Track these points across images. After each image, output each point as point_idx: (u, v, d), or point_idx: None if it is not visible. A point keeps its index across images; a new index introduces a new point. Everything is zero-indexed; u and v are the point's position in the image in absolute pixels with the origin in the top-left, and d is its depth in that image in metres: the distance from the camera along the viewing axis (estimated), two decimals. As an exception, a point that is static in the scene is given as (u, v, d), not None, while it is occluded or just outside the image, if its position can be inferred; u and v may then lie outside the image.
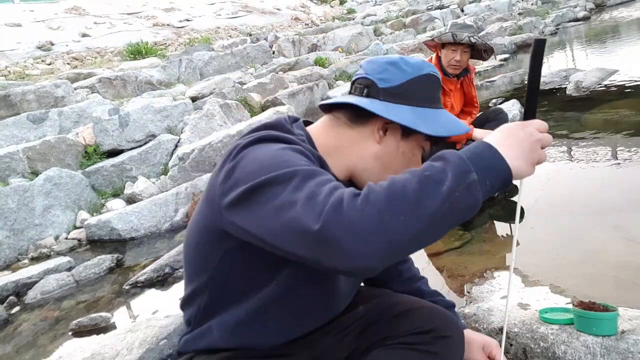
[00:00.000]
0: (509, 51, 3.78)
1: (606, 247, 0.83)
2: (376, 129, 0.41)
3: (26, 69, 3.69)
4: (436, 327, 0.43)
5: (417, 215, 0.28)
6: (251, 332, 0.41)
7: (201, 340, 0.42)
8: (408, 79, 0.42)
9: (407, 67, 0.42)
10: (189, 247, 0.42)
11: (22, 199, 1.52)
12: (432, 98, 0.43)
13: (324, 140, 0.42)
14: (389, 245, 0.28)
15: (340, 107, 0.43)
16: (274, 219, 0.31)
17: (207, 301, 0.42)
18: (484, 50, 1.21)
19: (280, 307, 0.40)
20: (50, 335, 0.96)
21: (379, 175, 0.42)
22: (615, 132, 1.40)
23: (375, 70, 0.42)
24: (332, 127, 0.43)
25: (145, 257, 1.32)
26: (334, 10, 7.33)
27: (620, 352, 0.50)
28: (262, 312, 0.40)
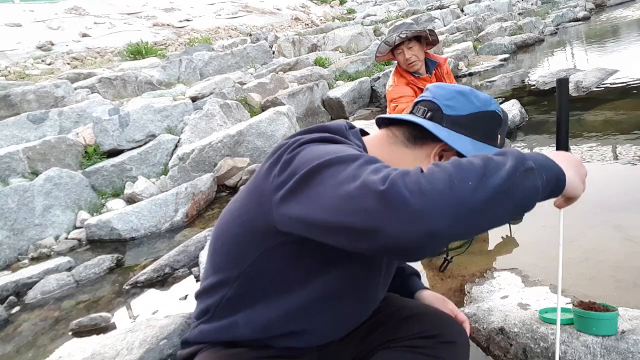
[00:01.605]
0: (508, 51, 3.76)
1: (606, 247, 0.83)
2: (433, 153, 0.41)
3: (26, 69, 3.69)
4: (442, 333, 0.43)
5: (484, 184, 0.28)
6: (283, 332, 0.40)
7: (224, 333, 0.41)
8: (474, 112, 0.42)
9: (476, 100, 0.43)
10: (224, 237, 0.41)
11: (22, 199, 1.52)
12: (493, 136, 0.43)
13: (377, 154, 0.40)
14: (458, 209, 0.27)
15: (399, 124, 0.43)
16: (334, 194, 0.29)
17: (232, 294, 0.41)
18: (429, 36, 1.20)
19: (315, 312, 0.39)
20: (50, 335, 0.96)
21: None
22: (615, 132, 1.41)
23: (443, 96, 0.43)
24: (388, 143, 0.43)
25: (145, 257, 1.32)
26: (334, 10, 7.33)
27: (620, 352, 0.50)
28: (294, 315, 0.39)
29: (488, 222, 0.30)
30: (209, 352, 0.41)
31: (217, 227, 0.43)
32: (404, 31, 1.19)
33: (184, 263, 1.16)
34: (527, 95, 2.23)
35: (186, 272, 1.14)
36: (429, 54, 1.27)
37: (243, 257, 0.39)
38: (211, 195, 1.66)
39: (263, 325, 0.40)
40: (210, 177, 1.68)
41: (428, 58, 1.26)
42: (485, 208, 0.28)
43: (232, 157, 1.80)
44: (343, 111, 2.62)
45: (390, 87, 1.26)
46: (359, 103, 2.79)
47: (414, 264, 0.63)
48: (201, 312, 0.44)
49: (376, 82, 2.80)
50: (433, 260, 0.93)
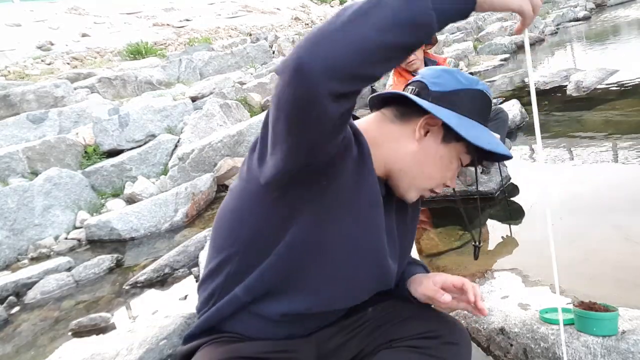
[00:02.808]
0: (509, 51, 3.75)
1: (606, 247, 0.83)
2: (418, 126, 0.41)
3: (26, 69, 3.69)
4: (444, 334, 0.43)
5: (343, 14, 0.28)
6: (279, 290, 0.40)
7: (227, 309, 0.41)
8: (460, 88, 0.42)
9: (462, 78, 0.43)
10: (224, 217, 0.42)
11: (21, 199, 1.52)
12: (480, 114, 0.42)
13: (368, 135, 0.41)
14: (319, 37, 0.27)
15: (388, 104, 0.44)
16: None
17: (235, 269, 0.41)
18: None
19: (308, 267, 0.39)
20: (50, 336, 0.96)
21: (413, 177, 0.42)
22: (615, 132, 1.40)
23: (430, 75, 0.43)
24: (377, 122, 0.43)
25: (145, 257, 1.32)
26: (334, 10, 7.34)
27: (621, 352, 0.50)
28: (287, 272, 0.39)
29: (353, 40, 0.28)
30: (208, 348, 0.41)
31: (217, 214, 0.44)
32: None
33: (183, 263, 1.16)
34: (527, 95, 2.23)
35: (186, 272, 1.14)
36: (429, 53, 1.28)
37: (240, 227, 0.40)
38: (211, 195, 1.66)
39: (260, 287, 0.40)
40: (210, 177, 1.68)
41: (427, 57, 1.27)
42: (345, 28, 0.28)
43: (232, 157, 1.79)
44: (343, 111, 2.65)
45: (390, 87, 1.28)
46: (359, 103, 2.68)
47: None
48: (205, 301, 0.44)
49: (376, 82, 2.83)
50: (433, 260, 0.93)
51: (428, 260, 0.94)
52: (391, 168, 0.42)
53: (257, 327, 0.43)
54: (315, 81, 0.28)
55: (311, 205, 0.37)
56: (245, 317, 0.43)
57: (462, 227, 1.04)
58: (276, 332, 0.43)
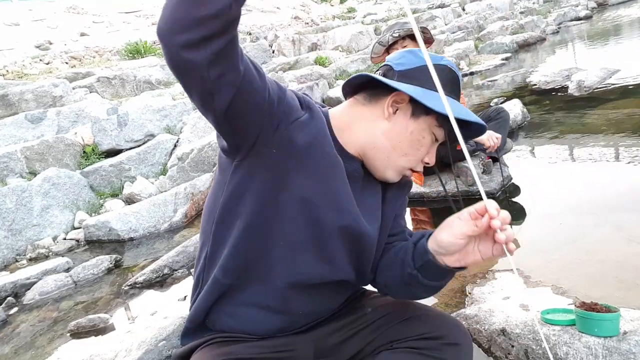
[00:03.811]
0: (510, 50, 3.75)
1: (608, 247, 0.82)
2: (386, 105, 0.42)
3: (24, 68, 3.68)
4: (446, 334, 0.42)
5: None
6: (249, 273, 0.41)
7: (212, 295, 0.42)
8: (422, 65, 0.42)
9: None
10: (206, 201, 0.44)
11: (20, 199, 1.51)
12: (447, 88, 0.43)
13: (338, 117, 0.43)
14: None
15: (360, 90, 0.45)
16: None
17: (210, 250, 0.42)
18: (422, 34, 1.21)
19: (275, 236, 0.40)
20: (49, 337, 0.96)
21: (387, 155, 0.42)
22: (617, 132, 1.40)
23: (394, 57, 0.45)
24: (349, 106, 0.45)
25: (144, 257, 1.32)
26: (334, 9, 7.31)
27: (622, 353, 0.50)
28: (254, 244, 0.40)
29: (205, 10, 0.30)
30: (203, 351, 0.41)
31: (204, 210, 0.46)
32: (396, 30, 1.19)
33: (183, 264, 1.16)
34: (528, 94, 2.22)
35: (185, 273, 1.14)
36: None
37: (214, 206, 0.42)
38: (210, 195, 1.68)
39: (234, 266, 0.41)
40: (210, 177, 1.68)
41: None
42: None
43: (232, 156, 1.81)
44: (343, 110, 2.64)
45: None
46: None
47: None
48: (193, 290, 0.45)
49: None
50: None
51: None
52: (365, 148, 0.43)
53: (247, 319, 0.43)
54: (169, 41, 0.31)
55: (264, 173, 0.38)
56: (233, 308, 0.43)
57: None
58: (268, 323, 0.42)
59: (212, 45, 0.31)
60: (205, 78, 0.32)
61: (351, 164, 0.43)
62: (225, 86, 0.33)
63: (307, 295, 0.43)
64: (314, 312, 0.45)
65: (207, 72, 0.32)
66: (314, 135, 0.39)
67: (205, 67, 0.32)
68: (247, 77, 0.35)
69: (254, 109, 0.36)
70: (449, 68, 0.44)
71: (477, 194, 1.19)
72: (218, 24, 0.30)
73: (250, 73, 0.35)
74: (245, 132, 0.37)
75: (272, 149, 0.38)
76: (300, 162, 0.39)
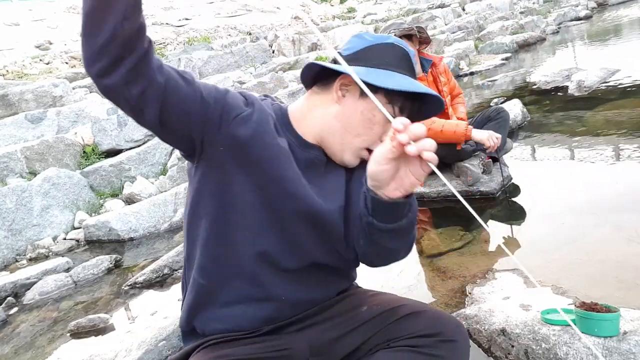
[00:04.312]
0: (510, 50, 3.74)
1: (608, 247, 0.82)
2: (334, 89, 0.44)
3: (24, 68, 3.68)
4: (442, 331, 0.42)
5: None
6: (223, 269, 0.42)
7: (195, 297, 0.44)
8: (367, 46, 0.44)
9: (369, 37, 0.45)
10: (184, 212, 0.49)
11: (20, 199, 1.51)
12: (394, 64, 0.43)
13: (296, 109, 0.46)
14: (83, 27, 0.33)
15: (317, 81, 0.46)
16: None
17: (187, 252, 0.45)
18: (418, 34, 1.20)
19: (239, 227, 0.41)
20: (49, 337, 0.96)
21: (342, 137, 0.44)
22: (617, 132, 1.39)
23: (344, 44, 0.46)
24: (306, 98, 0.47)
25: (144, 257, 1.32)
26: (334, 9, 7.31)
27: (622, 353, 0.50)
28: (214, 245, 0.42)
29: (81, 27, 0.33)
30: (198, 355, 0.41)
31: None
32: (392, 30, 1.19)
33: (182, 264, 1.17)
34: (528, 94, 2.22)
35: (185, 272, 1.15)
36: (424, 53, 1.27)
37: (186, 208, 0.44)
38: (210, 195, 1.68)
39: (207, 265, 0.43)
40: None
41: (423, 57, 1.26)
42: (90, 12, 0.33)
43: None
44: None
45: None
46: None
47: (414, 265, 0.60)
48: (182, 294, 0.47)
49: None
50: (434, 260, 0.93)
51: (429, 260, 0.94)
52: (321, 134, 0.45)
53: (233, 317, 0.43)
54: (89, 74, 0.35)
55: (217, 171, 0.41)
56: (218, 312, 0.43)
57: (463, 228, 1.04)
58: (255, 315, 0.43)
59: (121, 68, 0.34)
60: (128, 98, 0.35)
61: (311, 151, 0.44)
62: (149, 101, 0.36)
63: (287, 280, 0.43)
64: (300, 300, 0.45)
65: (127, 93, 0.35)
66: (254, 129, 0.41)
67: (124, 89, 0.34)
68: (171, 87, 0.37)
69: (187, 115, 0.38)
70: (395, 45, 0.44)
71: (478, 194, 1.20)
72: (117, 48, 0.33)
73: (173, 83, 0.37)
74: (186, 136, 0.39)
75: (219, 147, 0.40)
76: (246, 155, 0.40)
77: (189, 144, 0.40)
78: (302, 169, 0.43)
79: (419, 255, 0.98)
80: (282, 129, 0.44)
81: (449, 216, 1.16)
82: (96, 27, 0.32)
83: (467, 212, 0.32)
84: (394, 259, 0.44)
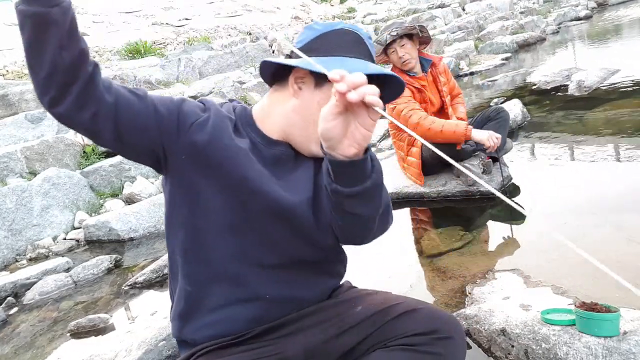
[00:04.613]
0: (510, 50, 3.74)
1: (608, 248, 0.82)
2: (290, 84, 0.44)
3: (24, 68, 3.67)
4: (438, 328, 0.42)
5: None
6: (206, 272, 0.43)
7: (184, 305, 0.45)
8: (316, 36, 0.44)
9: (319, 26, 0.46)
10: None
11: (20, 199, 1.52)
12: (347, 49, 0.43)
13: (258, 109, 0.47)
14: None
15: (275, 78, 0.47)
16: None
17: (170, 263, 0.47)
18: (420, 33, 1.20)
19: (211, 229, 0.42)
20: (49, 337, 0.96)
21: (304, 129, 0.44)
22: (617, 132, 1.39)
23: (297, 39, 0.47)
24: (267, 97, 0.48)
25: (144, 257, 1.32)
26: (334, 9, 7.31)
27: (622, 353, 0.49)
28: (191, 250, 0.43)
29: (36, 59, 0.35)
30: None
31: None
32: (394, 29, 1.18)
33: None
34: (528, 94, 2.22)
35: (185, 272, 1.14)
36: (423, 52, 1.26)
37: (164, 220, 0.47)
38: (210, 195, 1.68)
39: (191, 272, 0.44)
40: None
41: (422, 57, 1.25)
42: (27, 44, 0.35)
43: (232, 156, 1.81)
44: (343, 110, 2.64)
45: None
46: None
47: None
48: (171, 304, 0.48)
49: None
50: (434, 260, 0.93)
51: (429, 260, 0.94)
52: (284, 129, 0.45)
53: (223, 321, 0.43)
54: (42, 105, 0.36)
55: (182, 179, 0.42)
56: (207, 318, 0.44)
57: (463, 228, 1.04)
58: (243, 316, 0.43)
59: (69, 96, 0.35)
60: (82, 122, 0.37)
61: (276, 148, 0.45)
62: (103, 122, 0.37)
63: (269, 278, 0.44)
64: (285, 298, 0.44)
65: (80, 117, 0.36)
66: (211, 133, 0.42)
67: (76, 114, 0.36)
68: (122, 105, 0.38)
69: (143, 129, 0.39)
70: (345, 30, 0.44)
71: (478, 194, 1.19)
72: (60, 77, 0.34)
73: (124, 100, 0.39)
74: (147, 150, 0.41)
75: (181, 156, 0.41)
76: (207, 159, 0.42)
77: (153, 157, 0.42)
78: (268, 166, 0.44)
79: (419, 255, 0.98)
80: (245, 130, 0.45)
81: (449, 216, 1.16)
82: (36, 61, 0.34)
83: (467, 212, 0.31)
84: (370, 230, 0.42)
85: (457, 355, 0.43)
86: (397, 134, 1.29)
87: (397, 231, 1.13)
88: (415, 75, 1.23)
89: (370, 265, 0.94)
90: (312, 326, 0.45)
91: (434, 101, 1.26)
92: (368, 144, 0.34)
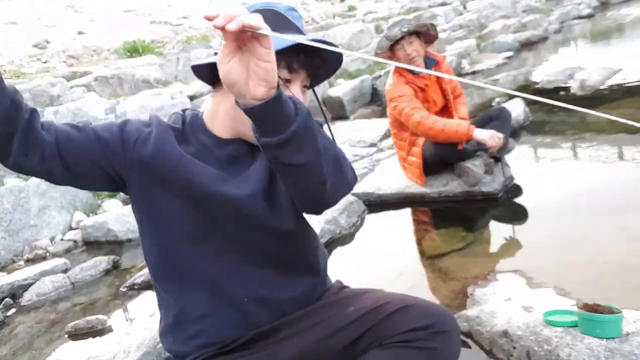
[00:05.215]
0: (512, 49, 3.70)
1: (611, 249, 0.82)
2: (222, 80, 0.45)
3: (22, 68, 3.66)
4: (433, 323, 0.42)
5: None
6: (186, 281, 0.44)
7: (170, 316, 0.45)
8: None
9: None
10: None
11: (17, 200, 1.50)
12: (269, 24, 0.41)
13: (206, 113, 0.47)
14: None
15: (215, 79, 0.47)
16: None
17: (151, 277, 0.47)
18: (427, 32, 1.19)
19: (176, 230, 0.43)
20: (46, 338, 0.95)
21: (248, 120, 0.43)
22: (620, 132, 1.38)
23: None
24: (211, 99, 0.48)
25: (142, 258, 1.28)
26: (335, 7, 7.26)
27: (625, 354, 0.49)
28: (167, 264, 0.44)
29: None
30: None
31: None
32: (405, 25, 1.17)
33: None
34: (531, 94, 2.19)
35: (184, 273, 1.14)
36: (428, 51, 1.25)
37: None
38: (209, 195, 1.67)
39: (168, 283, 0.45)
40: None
41: (427, 55, 1.24)
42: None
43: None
44: (343, 110, 2.59)
45: (390, 86, 1.23)
46: (359, 102, 2.76)
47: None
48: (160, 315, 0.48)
49: (377, 81, 2.78)
50: (435, 261, 0.92)
51: (430, 261, 0.93)
52: (232, 127, 0.45)
53: (207, 328, 0.44)
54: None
55: (139, 195, 0.44)
56: (193, 328, 0.44)
57: (465, 229, 1.03)
58: (225, 322, 0.43)
59: (13, 146, 0.37)
60: (31, 167, 0.39)
61: (228, 147, 0.45)
62: (50, 161, 0.39)
63: (245, 280, 0.44)
64: (263, 299, 0.44)
65: (29, 162, 0.38)
66: (154, 145, 0.43)
67: (25, 161, 0.38)
68: (63, 140, 0.40)
69: (89, 157, 0.41)
70: (260, 9, 0.43)
71: (479, 195, 1.18)
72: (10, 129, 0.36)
73: (64, 135, 0.40)
74: (101, 175, 0.42)
75: (133, 174, 0.43)
76: (156, 172, 0.43)
77: (110, 181, 0.43)
78: (225, 166, 0.44)
79: (420, 256, 0.97)
80: (196, 135, 0.45)
81: (451, 217, 1.15)
82: None
83: (469, 213, 0.30)
84: (322, 185, 0.39)
85: (453, 348, 0.43)
86: (398, 133, 1.28)
87: (398, 232, 1.12)
88: (419, 74, 1.21)
89: (371, 266, 0.94)
90: (304, 330, 0.44)
91: (437, 101, 1.25)
92: (275, 79, 0.32)
